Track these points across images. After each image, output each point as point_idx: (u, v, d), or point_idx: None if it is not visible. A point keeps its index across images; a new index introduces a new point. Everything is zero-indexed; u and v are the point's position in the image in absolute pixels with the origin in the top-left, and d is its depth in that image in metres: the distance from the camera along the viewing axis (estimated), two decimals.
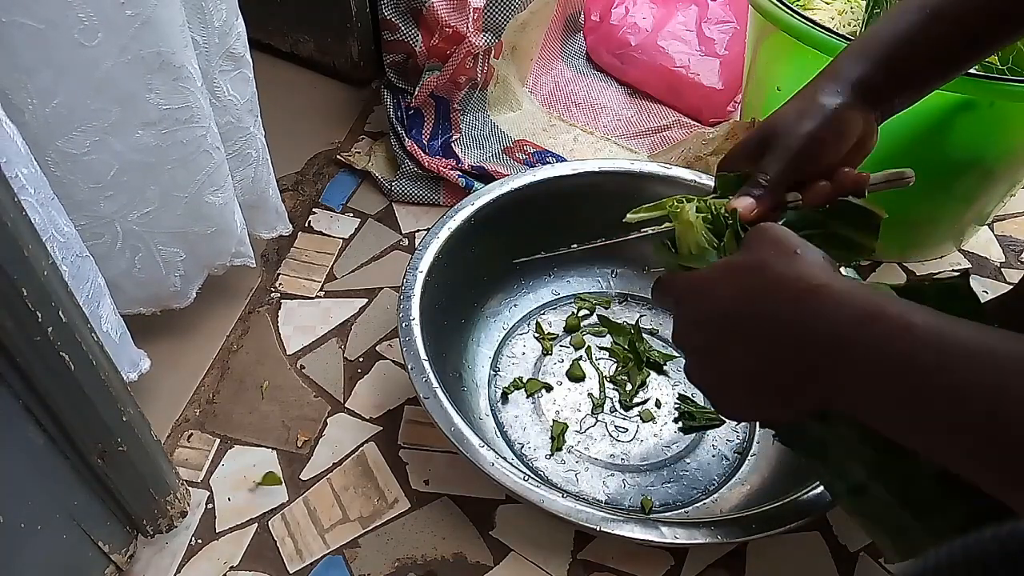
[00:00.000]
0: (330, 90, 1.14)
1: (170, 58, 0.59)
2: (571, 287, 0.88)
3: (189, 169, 0.66)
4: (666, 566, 0.67)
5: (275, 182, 0.81)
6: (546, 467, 0.73)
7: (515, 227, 0.84)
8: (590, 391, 0.79)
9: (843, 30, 0.88)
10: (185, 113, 0.62)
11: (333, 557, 0.67)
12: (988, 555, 0.30)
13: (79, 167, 0.60)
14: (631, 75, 1.17)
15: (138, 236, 0.68)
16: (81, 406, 0.51)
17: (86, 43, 0.54)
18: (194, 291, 0.76)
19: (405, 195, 0.98)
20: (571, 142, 1.09)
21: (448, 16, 0.93)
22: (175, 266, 0.72)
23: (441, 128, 1.04)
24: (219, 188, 0.70)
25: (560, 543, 0.68)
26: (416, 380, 0.66)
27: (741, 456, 0.74)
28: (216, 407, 0.77)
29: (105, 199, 0.63)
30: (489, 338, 0.82)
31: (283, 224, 0.85)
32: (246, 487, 0.71)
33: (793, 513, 0.60)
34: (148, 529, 0.64)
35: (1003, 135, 0.79)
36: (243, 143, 0.74)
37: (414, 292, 0.72)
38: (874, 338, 0.37)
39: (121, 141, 0.61)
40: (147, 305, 0.75)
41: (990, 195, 0.88)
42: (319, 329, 0.84)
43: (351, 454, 0.74)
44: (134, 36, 0.56)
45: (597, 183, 0.84)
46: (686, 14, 1.15)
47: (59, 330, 0.47)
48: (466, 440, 0.62)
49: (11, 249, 0.42)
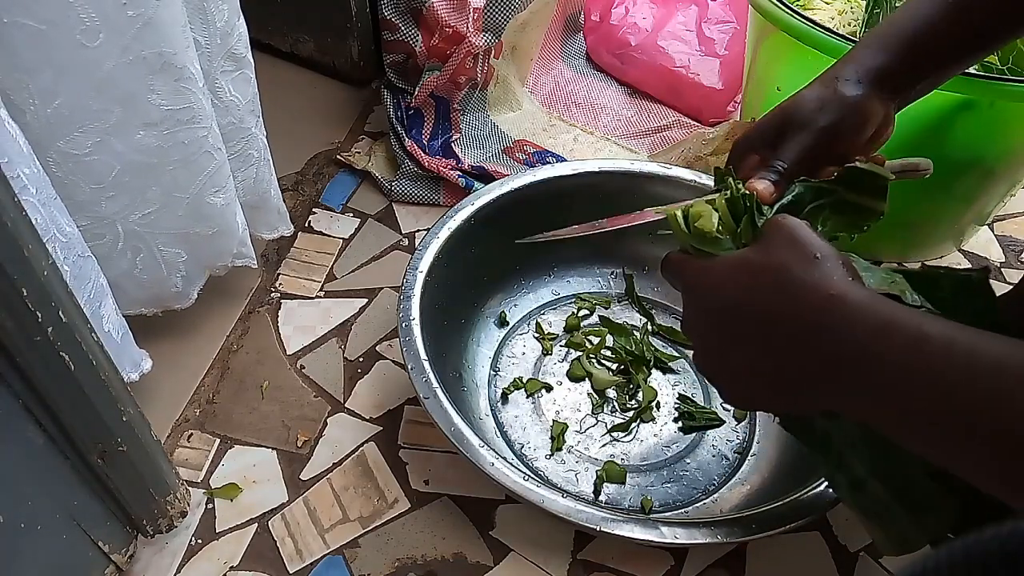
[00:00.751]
0: (330, 90, 1.14)
1: (172, 59, 0.59)
2: (571, 287, 0.88)
3: (191, 170, 0.66)
4: (666, 566, 0.68)
5: (276, 183, 0.81)
6: (546, 467, 0.73)
7: (515, 227, 0.83)
8: (590, 391, 0.79)
9: (843, 30, 0.88)
10: (187, 114, 0.62)
11: (333, 557, 0.67)
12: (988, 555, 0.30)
13: (80, 167, 0.60)
14: (631, 75, 1.17)
15: (139, 237, 0.68)
16: (81, 406, 0.51)
17: (88, 44, 0.54)
18: (195, 292, 0.76)
19: (405, 195, 0.98)
20: (571, 142, 1.09)
21: (448, 16, 0.93)
22: (176, 267, 0.72)
23: (441, 128, 1.04)
24: (221, 189, 0.70)
25: (560, 543, 0.68)
26: (416, 380, 0.66)
27: (741, 456, 0.74)
28: (216, 407, 0.77)
29: (106, 199, 0.63)
30: (489, 338, 0.82)
31: (285, 225, 0.85)
32: (246, 487, 0.71)
33: (793, 513, 0.60)
34: (148, 529, 0.64)
35: (1003, 135, 0.79)
36: (245, 144, 0.74)
37: (414, 292, 0.72)
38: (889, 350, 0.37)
39: (123, 142, 0.61)
40: (148, 306, 0.75)
41: (990, 195, 0.88)
42: (319, 329, 0.84)
43: (351, 454, 0.74)
44: (136, 37, 0.56)
45: (597, 183, 0.84)
46: (686, 14, 1.15)
47: (59, 330, 0.47)
48: (466, 440, 0.62)
49: (11, 249, 0.42)
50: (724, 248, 0.49)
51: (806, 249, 0.43)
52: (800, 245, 0.43)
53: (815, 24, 0.76)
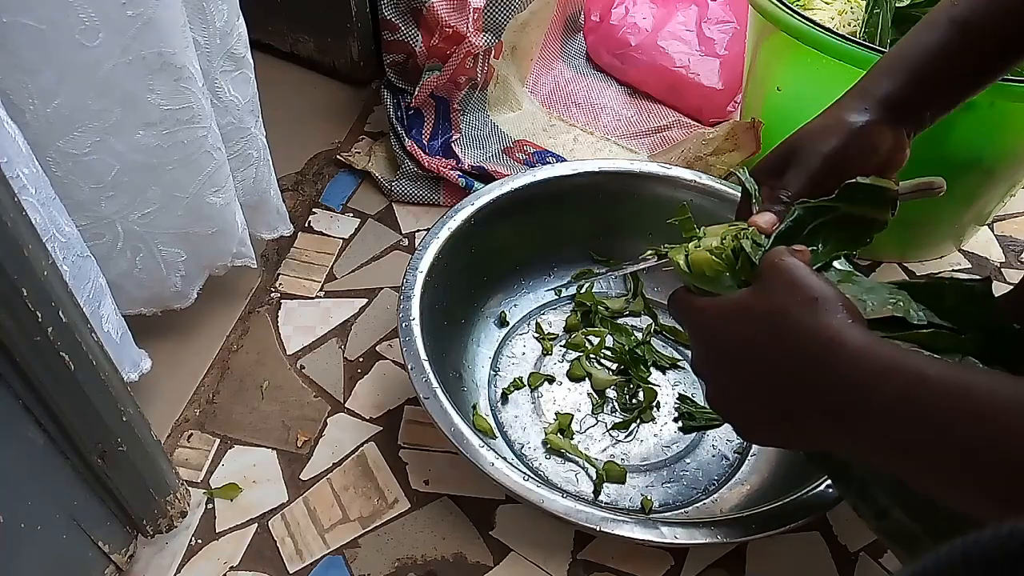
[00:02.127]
0: (330, 90, 1.14)
1: (171, 59, 0.59)
2: (571, 287, 0.88)
3: (190, 170, 0.66)
4: (666, 566, 0.68)
5: (276, 182, 0.81)
6: (546, 467, 0.73)
7: (515, 227, 0.84)
8: (590, 391, 0.79)
9: (843, 30, 0.88)
10: (186, 114, 0.62)
11: (333, 557, 0.67)
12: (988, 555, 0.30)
13: (80, 167, 0.60)
14: (631, 75, 1.17)
15: (139, 236, 0.68)
16: (81, 406, 0.51)
17: (87, 43, 0.54)
18: (195, 291, 0.76)
19: (405, 195, 0.98)
20: (571, 142, 1.09)
21: (448, 16, 0.93)
22: (176, 266, 0.72)
23: (441, 128, 1.04)
24: (220, 189, 0.70)
25: (560, 543, 0.68)
26: (416, 380, 0.66)
27: (741, 456, 0.74)
28: (216, 407, 0.77)
29: (106, 199, 0.63)
30: (489, 338, 0.82)
31: (284, 225, 0.85)
32: (246, 487, 0.71)
33: (793, 513, 0.60)
34: (148, 529, 0.64)
35: (1003, 135, 0.79)
36: (244, 144, 0.74)
37: (414, 292, 0.72)
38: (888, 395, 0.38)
39: (122, 141, 0.61)
40: (148, 305, 0.75)
41: (990, 195, 0.88)
42: (319, 329, 0.84)
43: (351, 454, 0.74)
44: (135, 36, 0.56)
45: (597, 183, 0.85)
46: (686, 14, 1.15)
47: (59, 330, 0.47)
48: (466, 440, 0.62)
49: (11, 249, 0.42)
50: (725, 287, 0.49)
51: (804, 292, 0.42)
52: (798, 288, 0.43)
53: (815, 24, 0.76)
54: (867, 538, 0.70)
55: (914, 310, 0.45)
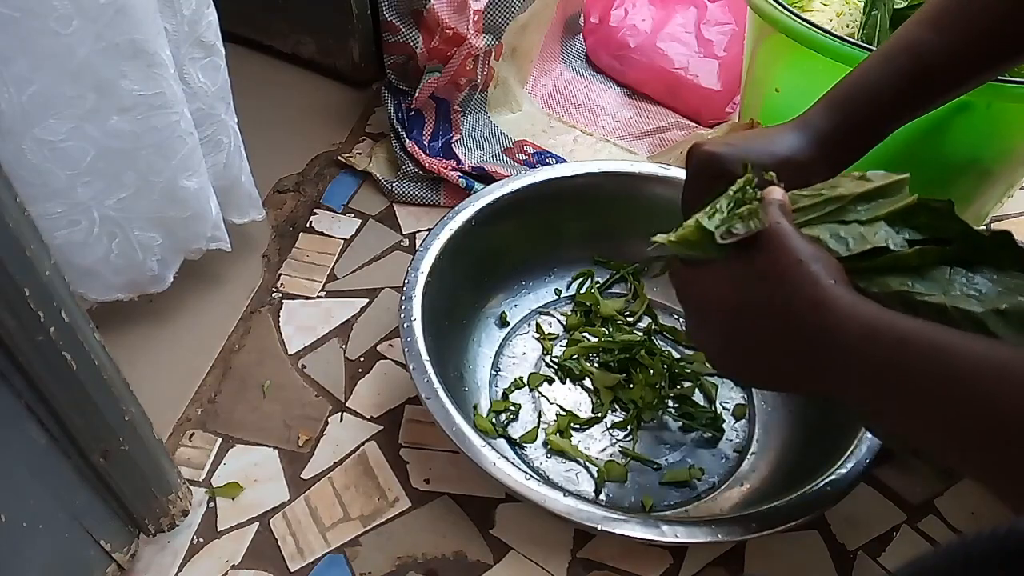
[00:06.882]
0: (331, 91, 1.14)
1: (144, 45, 0.59)
2: (571, 287, 0.88)
3: (164, 154, 0.67)
4: (665, 564, 0.68)
5: (249, 168, 0.82)
6: (546, 466, 0.73)
7: (516, 228, 0.84)
8: (590, 391, 0.79)
9: (841, 32, 0.88)
10: (159, 99, 0.63)
11: (334, 555, 0.67)
12: (987, 555, 0.30)
13: (56, 154, 0.60)
14: (630, 76, 1.18)
15: (115, 222, 0.68)
16: (83, 405, 0.51)
17: (61, 31, 0.55)
18: (171, 275, 0.77)
19: (406, 196, 0.99)
20: (571, 143, 1.10)
21: (449, 18, 0.94)
22: (152, 250, 0.73)
23: (442, 129, 1.04)
24: (193, 172, 0.70)
25: (560, 542, 0.69)
26: (418, 380, 0.66)
27: (741, 456, 0.74)
28: (218, 406, 0.77)
29: (82, 185, 0.64)
30: (490, 338, 0.82)
31: (256, 210, 0.85)
32: (248, 486, 0.71)
33: (792, 512, 0.60)
34: (150, 528, 0.65)
35: (1000, 136, 0.80)
36: (214, 129, 0.75)
37: (415, 293, 0.72)
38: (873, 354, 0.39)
39: (97, 127, 0.61)
40: (125, 291, 0.75)
41: (987, 196, 0.88)
42: (320, 329, 0.84)
43: (352, 453, 0.74)
44: (108, 24, 0.56)
45: (597, 184, 0.85)
46: (685, 16, 1.16)
47: (61, 330, 0.47)
48: (467, 440, 0.62)
49: (13, 249, 0.42)
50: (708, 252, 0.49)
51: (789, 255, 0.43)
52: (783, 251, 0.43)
53: (813, 26, 0.76)
54: (865, 537, 0.70)
55: (892, 236, 0.46)
